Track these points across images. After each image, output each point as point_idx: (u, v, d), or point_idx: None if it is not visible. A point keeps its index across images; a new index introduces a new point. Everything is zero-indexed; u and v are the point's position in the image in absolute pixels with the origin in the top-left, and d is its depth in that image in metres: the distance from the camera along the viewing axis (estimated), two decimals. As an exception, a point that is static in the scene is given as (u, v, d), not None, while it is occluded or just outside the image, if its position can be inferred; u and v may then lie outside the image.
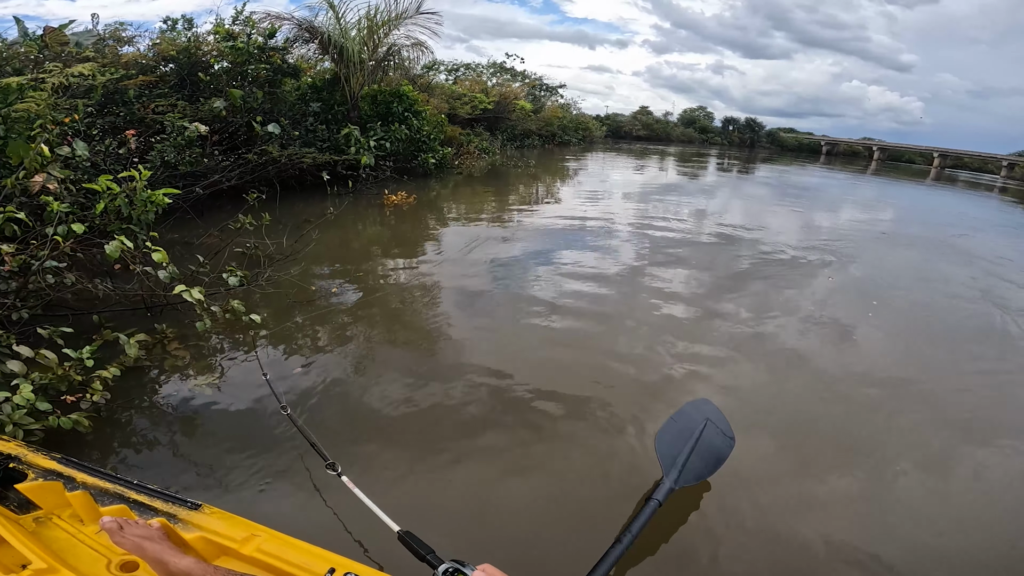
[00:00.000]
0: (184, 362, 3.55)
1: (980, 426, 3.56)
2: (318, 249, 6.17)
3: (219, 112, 7.77)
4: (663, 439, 2.56)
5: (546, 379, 3.66)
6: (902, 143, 46.15)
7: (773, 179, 21.87)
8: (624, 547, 1.94)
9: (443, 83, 20.09)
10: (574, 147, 27.54)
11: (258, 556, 1.41)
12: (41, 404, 2.41)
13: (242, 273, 4.06)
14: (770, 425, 3.37)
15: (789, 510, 2.67)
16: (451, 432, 3.06)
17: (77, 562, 1.38)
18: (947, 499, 2.87)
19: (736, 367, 4.14)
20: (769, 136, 48.43)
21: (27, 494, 1.50)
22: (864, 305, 5.77)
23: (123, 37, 8.58)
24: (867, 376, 4.14)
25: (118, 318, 3.79)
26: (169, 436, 2.81)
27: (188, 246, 5.47)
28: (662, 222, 9.60)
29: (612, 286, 5.77)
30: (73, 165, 4.43)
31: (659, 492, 2.23)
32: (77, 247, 3.33)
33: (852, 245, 8.76)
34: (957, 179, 31.77)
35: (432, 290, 5.39)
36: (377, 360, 3.89)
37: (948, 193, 23.44)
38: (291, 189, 9.01)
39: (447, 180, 12.77)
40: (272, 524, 1.53)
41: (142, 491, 1.56)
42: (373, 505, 1.80)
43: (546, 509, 2.55)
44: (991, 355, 4.84)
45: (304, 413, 3.08)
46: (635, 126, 44.02)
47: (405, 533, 1.59)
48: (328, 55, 11.02)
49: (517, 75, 26.39)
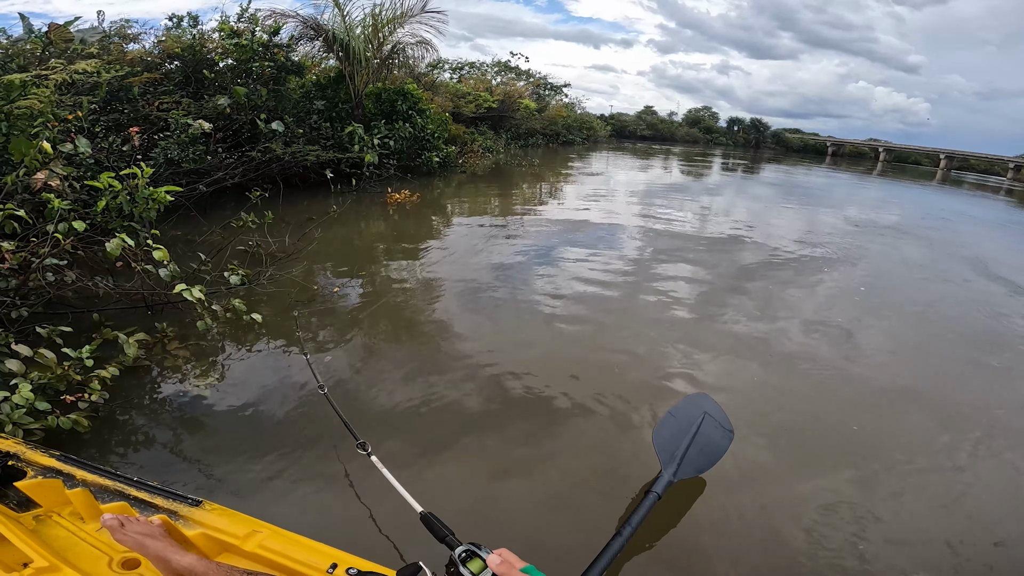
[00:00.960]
0: (184, 362, 3.54)
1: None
2: (321, 247, 6.17)
3: (223, 109, 7.78)
4: (661, 433, 2.58)
5: (550, 374, 3.67)
6: (908, 144, 45.87)
7: (777, 180, 21.80)
8: (624, 539, 1.97)
9: (447, 82, 20.11)
10: (578, 146, 27.51)
11: (260, 552, 1.41)
12: (40, 404, 2.41)
13: (243, 272, 4.05)
14: (770, 421, 3.39)
15: (788, 504, 2.67)
16: (454, 426, 3.07)
17: (78, 560, 1.38)
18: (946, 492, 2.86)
19: (736, 364, 4.15)
20: (774, 137, 48.27)
21: (27, 492, 1.49)
22: (864, 305, 5.76)
23: (128, 34, 8.61)
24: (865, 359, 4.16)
25: (119, 316, 3.80)
26: (168, 435, 2.81)
27: (190, 243, 5.47)
28: (666, 222, 9.58)
29: (616, 285, 5.76)
30: (76, 162, 4.44)
31: (658, 485, 2.24)
32: (78, 245, 3.33)
33: (848, 245, 8.73)
34: (963, 181, 31.59)
35: (435, 287, 5.39)
36: (380, 357, 3.89)
37: (954, 196, 23.32)
38: (295, 187, 9.03)
39: (451, 179, 12.76)
40: (275, 521, 1.53)
41: (142, 488, 1.55)
42: (398, 485, 1.84)
43: (548, 503, 2.56)
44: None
45: (310, 408, 3.09)
46: (639, 126, 43.95)
47: (427, 514, 1.62)
48: (333, 53, 11.03)
49: (521, 74, 26.45)
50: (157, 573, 1.35)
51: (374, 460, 2.02)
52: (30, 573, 1.24)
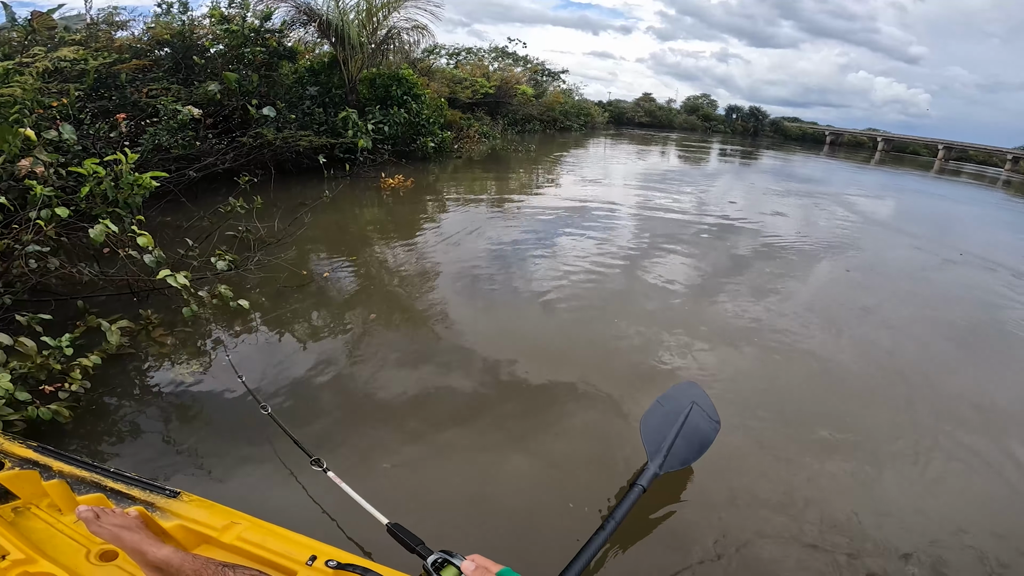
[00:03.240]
0: (168, 349, 3.50)
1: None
2: (313, 232, 6.13)
3: (214, 96, 7.69)
4: (648, 423, 2.56)
5: (542, 361, 3.68)
6: (907, 135, 45.61)
7: (775, 168, 21.74)
8: (608, 533, 1.95)
9: (444, 67, 19.89)
10: (576, 133, 27.32)
11: (238, 544, 1.40)
12: (20, 394, 2.38)
13: (231, 257, 4.02)
14: (758, 409, 3.40)
15: (775, 496, 2.67)
16: (444, 413, 3.09)
17: (56, 552, 1.38)
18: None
19: (728, 350, 4.18)
20: (773, 125, 47.93)
21: (4, 484, 1.48)
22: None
23: (116, 22, 8.46)
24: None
25: (104, 304, 3.76)
26: (150, 425, 2.79)
27: (178, 229, 5.42)
28: (662, 207, 9.56)
29: (610, 270, 5.77)
30: (64, 149, 4.38)
31: (643, 478, 2.22)
32: (62, 231, 3.29)
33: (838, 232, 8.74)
34: (960, 172, 31.52)
35: (428, 273, 5.38)
36: (370, 342, 3.89)
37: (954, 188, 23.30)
38: (287, 172, 8.96)
39: (446, 164, 12.67)
40: (257, 514, 1.51)
41: (119, 479, 1.54)
42: (361, 499, 1.79)
43: (533, 493, 2.56)
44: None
45: (293, 399, 3.09)
46: (638, 113, 43.55)
47: (394, 525, 1.57)
48: (326, 38, 10.87)
49: (519, 60, 26.17)
50: (135, 565, 1.35)
51: (331, 476, 1.94)
52: (7, 566, 1.23)
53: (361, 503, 1.77)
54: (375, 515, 1.69)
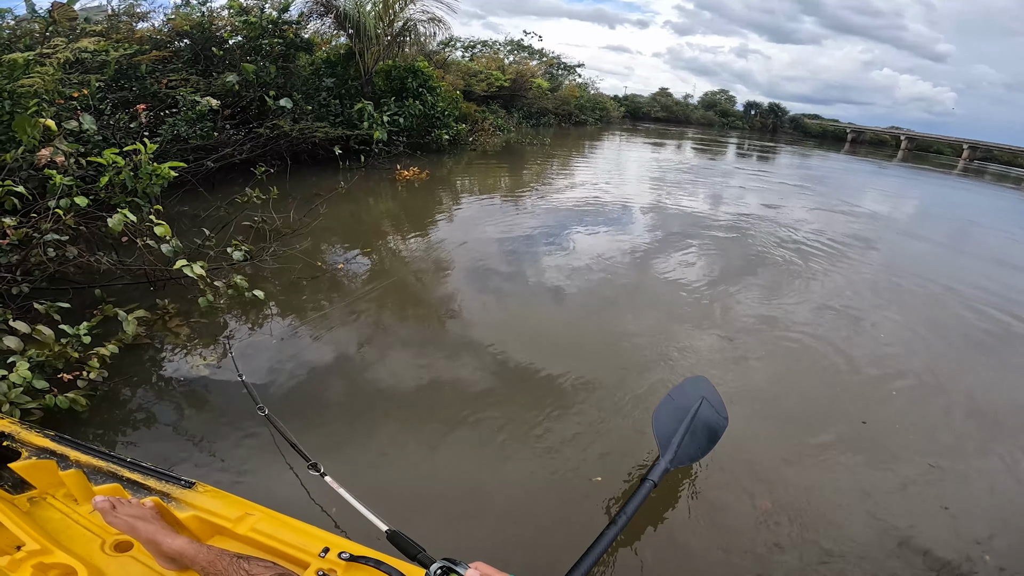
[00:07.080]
0: (184, 339, 3.52)
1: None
2: (328, 223, 6.14)
3: (232, 87, 7.73)
4: (660, 418, 2.55)
5: (554, 356, 3.67)
6: (931, 133, 44.63)
7: (794, 164, 21.46)
8: (619, 528, 1.94)
9: (459, 60, 19.82)
10: (591, 127, 27.15)
11: (252, 535, 1.40)
12: (38, 382, 2.38)
13: (247, 247, 4.03)
14: (769, 404, 3.40)
15: (785, 491, 2.67)
16: (453, 405, 3.09)
17: (71, 543, 1.38)
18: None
19: (741, 347, 4.15)
20: (792, 122, 47.18)
21: (21, 473, 1.49)
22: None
23: (137, 13, 8.52)
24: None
25: (121, 292, 3.79)
26: (168, 414, 2.80)
27: (195, 219, 5.46)
28: (676, 204, 9.46)
29: (624, 266, 5.74)
30: (84, 139, 4.41)
31: (654, 472, 2.21)
32: (80, 220, 3.31)
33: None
34: (985, 172, 30.85)
35: (441, 265, 5.38)
36: (382, 333, 3.90)
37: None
38: (303, 163, 9.01)
39: (461, 156, 12.66)
40: (267, 505, 1.51)
41: (136, 469, 1.54)
42: (359, 505, 1.71)
43: (545, 486, 2.56)
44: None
45: (299, 395, 3.09)
46: (654, 107, 43.18)
47: (394, 532, 1.50)
48: (343, 29, 10.88)
49: (534, 53, 25.92)
50: (149, 556, 1.35)
51: (328, 481, 1.87)
52: (22, 556, 1.23)
53: (360, 509, 1.70)
54: (374, 521, 1.63)
